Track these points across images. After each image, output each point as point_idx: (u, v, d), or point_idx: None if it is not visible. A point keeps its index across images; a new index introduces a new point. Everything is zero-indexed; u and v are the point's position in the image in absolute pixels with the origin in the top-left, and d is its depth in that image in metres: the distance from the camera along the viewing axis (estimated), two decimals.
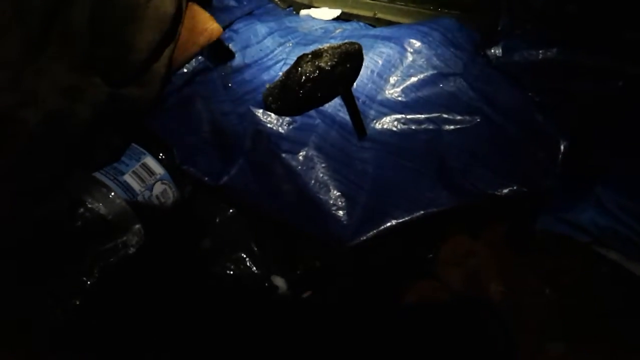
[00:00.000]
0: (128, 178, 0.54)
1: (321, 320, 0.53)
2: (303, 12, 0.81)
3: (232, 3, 0.75)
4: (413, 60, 0.65)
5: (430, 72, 0.65)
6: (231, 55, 0.66)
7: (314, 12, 0.79)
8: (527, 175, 0.60)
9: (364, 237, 0.57)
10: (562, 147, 0.62)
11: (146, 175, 0.55)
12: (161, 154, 0.57)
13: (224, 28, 0.68)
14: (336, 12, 0.79)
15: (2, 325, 0.45)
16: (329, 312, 0.54)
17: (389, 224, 0.58)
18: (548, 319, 0.50)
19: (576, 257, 0.54)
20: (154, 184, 0.55)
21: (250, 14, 0.75)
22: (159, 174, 0.56)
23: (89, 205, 0.51)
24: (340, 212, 0.58)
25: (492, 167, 0.61)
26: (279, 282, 0.57)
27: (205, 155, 0.58)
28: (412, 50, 0.65)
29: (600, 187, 0.59)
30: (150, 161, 0.56)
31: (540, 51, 0.67)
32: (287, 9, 0.83)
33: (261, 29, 0.71)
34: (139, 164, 0.55)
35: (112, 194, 0.52)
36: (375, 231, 0.57)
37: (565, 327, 0.49)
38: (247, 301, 0.55)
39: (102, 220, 0.51)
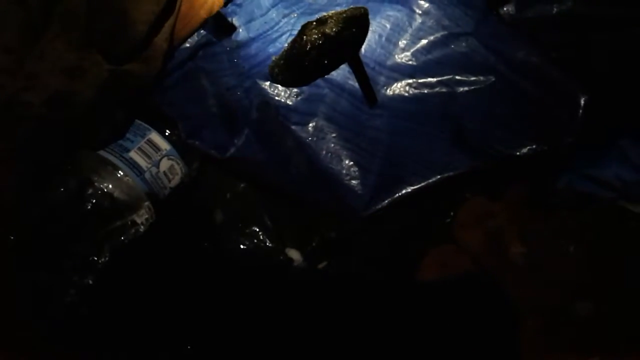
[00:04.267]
0: (134, 155, 0.53)
1: (338, 290, 0.52)
2: None
3: None
4: (422, 22, 0.63)
5: (440, 34, 0.63)
6: (233, 28, 0.65)
7: None
8: (546, 133, 0.58)
9: (379, 206, 0.56)
10: (582, 102, 0.59)
11: (152, 152, 0.54)
12: (167, 130, 0.56)
13: (227, 2, 0.67)
14: None
15: (2, 323, 0.45)
16: (346, 282, 0.53)
17: (404, 191, 0.56)
18: (574, 278, 0.48)
19: (602, 214, 0.51)
20: (160, 159, 0.54)
21: None
22: (165, 149, 0.55)
23: (96, 184, 0.50)
24: (354, 182, 0.57)
25: (509, 127, 0.59)
26: (294, 254, 0.56)
27: (211, 128, 0.57)
28: (420, 11, 0.63)
29: (625, 140, 0.57)
30: (155, 137, 0.55)
31: (555, 5, 0.65)
32: None
33: (265, 1, 0.69)
34: (144, 140, 0.54)
35: (119, 172, 0.51)
36: (390, 199, 0.56)
37: (593, 286, 0.47)
38: (263, 275, 0.54)
39: (109, 198, 0.50)
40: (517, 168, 0.58)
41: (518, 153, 0.58)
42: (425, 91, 0.61)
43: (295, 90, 0.60)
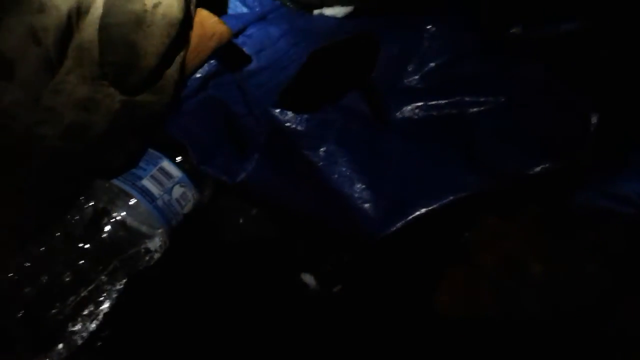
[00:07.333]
0: (146, 183, 0.54)
1: (354, 314, 0.52)
2: (316, 11, 0.80)
3: (244, 9, 0.75)
4: (429, 46, 0.63)
5: (448, 56, 0.63)
6: (247, 59, 0.66)
7: (326, 11, 0.78)
8: (559, 151, 0.57)
9: (393, 229, 0.55)
10: (594, 119, 0.59)
11: (164, 179, 0.55)
12: (178, 158, 0.57)
13: (238, 34, 0.68)
14: (349, 9, 0.78)
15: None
16: (361, 306, 0.52)
17: (417, 213, 0.56)
18: (594, 296, 0.47)
19: (621, 230, 0.50)
20: (172, 187, 0.55)
21: (263, 18, 0.75)
22: (177, 176, 0.56)
23: (111, 213, 0.51)
24: (366, 205, 0.57)
25: (522, 146, 0.58)
26: (308, 279, 0.56)
27: (223, 155, 0.57)
28: (427, 35, 0.64)
29: None
30: (167, 165, 0.56)
31: (562, 24, 0.65)
32: (300, 12, 0.82)
33: (274, 31, 0.70)
34: (157, 168, 0.55)
35: (133, 200, 0.52)
36: (403, 222, 0.55)
37: (614, 303, 0.46)
38: (277, 300, 0.54)
39: (124, 227, 0.51)
40: (531, 187, 0.57)
41: (531, 172, 0.57)
42: (435, 113, 0.61)
43: (305, 115, 0.60)
